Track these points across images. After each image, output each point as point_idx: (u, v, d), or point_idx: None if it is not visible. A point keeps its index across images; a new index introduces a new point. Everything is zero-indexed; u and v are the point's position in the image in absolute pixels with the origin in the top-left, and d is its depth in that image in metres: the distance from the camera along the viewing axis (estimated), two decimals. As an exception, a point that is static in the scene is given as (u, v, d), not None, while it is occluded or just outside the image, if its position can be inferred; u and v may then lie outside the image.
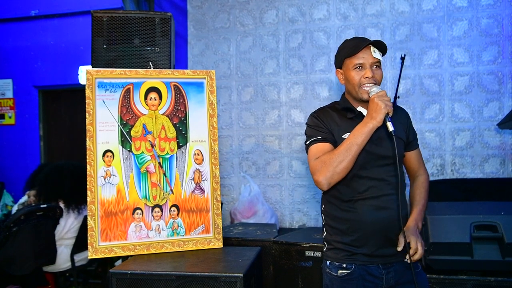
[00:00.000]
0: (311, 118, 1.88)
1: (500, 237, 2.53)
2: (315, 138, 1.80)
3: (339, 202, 1.79)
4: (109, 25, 2.68)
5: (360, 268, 1.73)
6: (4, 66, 5.10)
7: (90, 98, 2.37)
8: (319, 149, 1.77)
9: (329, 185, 1.71)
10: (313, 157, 1.75)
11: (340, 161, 1.67)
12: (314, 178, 1.71)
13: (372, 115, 1.66)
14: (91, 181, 2.31)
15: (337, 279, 1.75)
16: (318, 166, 1.71)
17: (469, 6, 3.75)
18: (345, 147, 1.67)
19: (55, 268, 3.49)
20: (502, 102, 3.71)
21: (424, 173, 1.96)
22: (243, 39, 4.27)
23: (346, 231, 1.76)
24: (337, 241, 1.79)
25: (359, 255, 1.74)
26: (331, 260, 1.79)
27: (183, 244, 2.39)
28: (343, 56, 1.83)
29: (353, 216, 1.75)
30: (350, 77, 1.80)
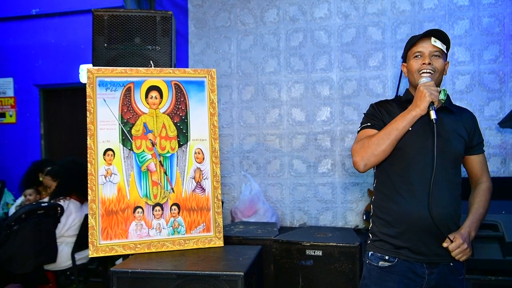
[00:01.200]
0: (369, 108, 1.92)
1: (501, 236, 2.53)
2: (365, 125, 1.83)
3: (390, 192, 1.78)
4: (110, 23, 2.68)
5: (403, 263, 1.71)
6: (5, 65, 5.10)
7: (91, 96, 2.37)
8: (364, 133, 1.80)
9: (365, 166, 1.73)
10: (356, 141, 1.80)
11: (379, 144, 1.69)
12: (353, 159, 1.75)
13: (417, 103, 1.68)
14: (92, 179, 2.32)
15: (376, 269, 1.74)
16: (357, 148, 1.75)
17: (470, 5, 3.75)
18: (385, 131, 1.70)
19: (56, 267, 3.50)
20: (503, 101, 3.70)
21: (487, 181, 1.88)
22: (244, 37, 4.27)
23: (392, 223, 1.74)
24: (383, 233, 1.77)
25: (404, 249, 1.71)
26: (374, 251, 1.79)
27: (183, 242, 2.39)
28: (406, 49, 1.87)
29: (401, 208, 1.72)
30: (410, 66, 1.83)
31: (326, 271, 2.41)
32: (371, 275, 1.75)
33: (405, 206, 1.72)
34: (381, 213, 1.80)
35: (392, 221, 1.75)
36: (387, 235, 1.75)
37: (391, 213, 1.75)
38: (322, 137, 4.07)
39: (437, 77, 1.77)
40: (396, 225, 1.73)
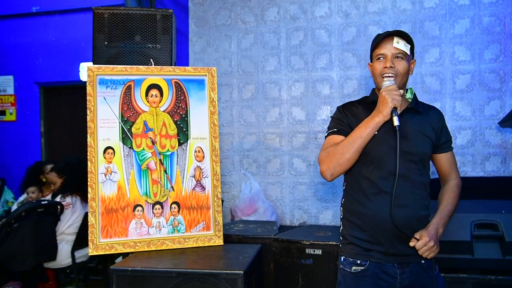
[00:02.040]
0: (336, 111, 1.91)
1: (501, 236, 2.53)
2: (331, 130, 1.82)
3: (357, 195, 1.77)
4: (110, 21, 2.68)
5: (374, 266, 1.71)
6: (5, 63, 5.09)
7: (91, 95, 2.37)
8: (331, 140, 1.79)
9: (332, 175, 1.72)
10: (323, 148, 1.78)
11: (343, 153, 1.67)
12: (320, 168, 1.74)
13: (379, 109, 1.67)
14: (92, 178, 2.32)
15: (350, 275, 1.74)
16: (323, 157, 1.73)
17: (471, 4, 3.74)
18: (350, 140, 1.68)
19: (56, 265, 3.50)
20: (503, 100, 3.70)
21: (456, 178, 1.89)
22: (244, 36, 4.26)
23: (362, 226, 1.74)
24: (352, 236, 1.76)
25: (374, 252, 1.71)
26: (346, 255, 1.78)
27: (183, 241, 2.39)
28: (371, 50, 1.84)
29: (369, 211, 1.72)
30: (373, 68, 1.81)
31: (325, 270, 2.41)
32: (346, 281, 1.76)
33: (373, 210, 1.72)
34: (350, 216, 1.80)
35: (361, 224, 1.75)
36: (358, 238, 1.75)
37: (360, 217, 1.75)
38: (322, 136, 4.07)
39: (400, 80, 1.75)
40: (366, 228, 1.74)
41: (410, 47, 1.77)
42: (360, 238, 1.75)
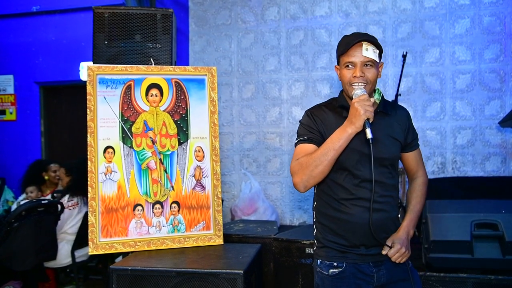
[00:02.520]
0: (305, 116, 1.82)
1: (501, 236, 2.53)
2: (302, 138, 1.76)
3: (331, 200, 1.76)
4: (110, 21, 2.68)
5: (351, 267, 1.72)
6: (5, 62, 5.09)
7: (91, 94, 2.37)
8: (302, 150, 1.73)
9: (305, 188, 1.70)
10: (295, 158, 1.73)
11: (316, 166, 1.65)
12: (292, 180, 1.71)
13: (352, 120, 1.63)
14: (92, 177, 2.32)
15: (328, 278, 1.73)
16: (296, 168, 1.70)
17: (471, 4, 3.74)
18: (322, 152, 1.65)
19: (56, 264, 3.50)
20: (503, 100, 3.70)
21: (422, 176, 1.90)
22: (244, 36, 4.26)
23: (337, 230, 1.74)
24: (328, 240, 1.76)
25: (350, 253, 1.72)
26: (322, 259, 1.77)
27: (183, 240, 2.39)
28: (338, 54, 1.79)
29: (345, 216, 1.72)
30: (342, 75, 1.75)
31: (325, 269, 2.41)
32: (324, 283, 1.75)
33: (349, 216, 1.72)
34: (324, 220, 1.79)
35: (336, 229, 1.75)
36: (332, 241, 1.75)
37: (334, 221, 1.75)
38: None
39: (370, 87, 1.73)
40: (341, 232, 1.73)
41: (379, 52, 1.75)
42: (335, 242, 1.75)
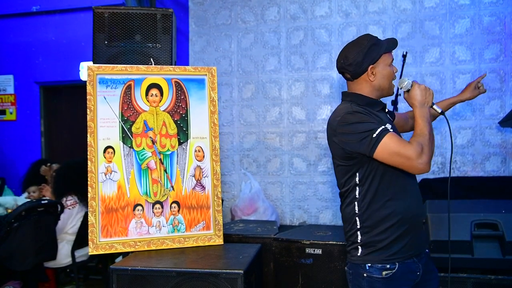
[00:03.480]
0: (355, 115, 1.74)
1: (501, 235, 2.53)
2: (382, 128, 1.68)
3: (384, 199, 1.74)
4: (110, 21, 2.68)
5: (400, 267, 1.72)
6: (5, 62, 5.09)
7: (91, 94, 2.37)
8: (395, 136, 1.69)
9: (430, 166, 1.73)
10: (403, 143, 1.67)
11: (432, 142, 1.70)
12: (418, 161, 1.63)
13: (427, 100, 1.76)
14: (92, 177, 2.32)
15: (381, 281, 1.71)
16: (419, 149, 1.64)
17: (471, 4, 3.74)
18: (429, 130, 1.71)
19: (56, 264, 3.50)
20: (503, 100, 3.70)
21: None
22: (244, 36, 4.26)
23: (395, 225, 1.72)
24: (378, 241, 1.73)
25: (399, 252, 1.72)
26: (372, 262, 1.73)
27: (183, 240, 2.39)
28: (382, 51, 1.80)
29: (401, 210, 1.73)
30: (388, 72, 1.82)
31: (325, 269, 2.41)
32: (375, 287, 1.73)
33: (405, 205, 1.74)
34: (376, 222, 1.75)
35: (395, 223, 1.73)
36: (386, 240, 1.73)
37: (393, 216, 1.73)
38: (322, 135, 4.07)
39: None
40: (401, 226, 1.73)
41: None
42: (391, 240, 1.73)
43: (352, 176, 1.77)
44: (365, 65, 1.79)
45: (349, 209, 1.80)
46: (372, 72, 1.80)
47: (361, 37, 1.86)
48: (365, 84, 1.82)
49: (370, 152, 1.67)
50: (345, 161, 1.77)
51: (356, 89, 1.85)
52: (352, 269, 1.79)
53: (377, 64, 1.80)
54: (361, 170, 1.74)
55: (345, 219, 1.84)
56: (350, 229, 1.80)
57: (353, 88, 1.86)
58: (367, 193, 1.75)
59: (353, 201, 1.78)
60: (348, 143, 1.71)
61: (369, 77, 1.80)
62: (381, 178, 1.74)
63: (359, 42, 1.83)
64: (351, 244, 1.81)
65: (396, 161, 1.66)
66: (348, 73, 1.84)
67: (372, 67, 1.80)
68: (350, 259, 1.81)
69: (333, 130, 1.77)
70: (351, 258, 1.80)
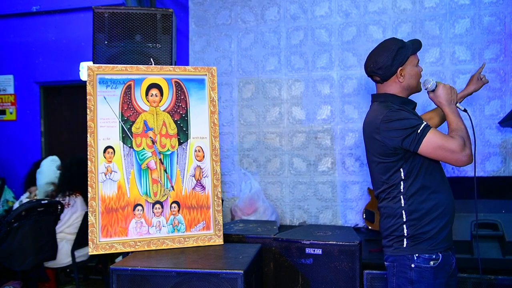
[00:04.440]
0: (399, 112, 1.83)
1: (501, 235, 2.53)
2: (425, 124, 1.78)
3: (428, 192, 1.83)
4: (110, 21, 2.68)
5: (443, 257, 1.80)
6: (5, 62, 5.09)
7: (91, 94, 2.37)
8: (438, 131, 1.78)
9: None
10: (446, 138, 1.76)
11: (469, 137, 1.78)
12: (463, 153, 1.73)
13: (453, 98, 1.86)
14: (92, 177, 2.32)
15: (430, 270, 1.78)
16: (462, 142, 1.74)
17: (471, 4, 3.74)
18: (463, 124, 1.81)
19: (56, 264, 3.50)
20: (503, 100, 3.70)
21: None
22: (244, 35, 4.26)
23: (440, 215, 1.81)
24: (424, 232, 1.81)
25: (442, 242, 1.81)
26: (420, 253, 1.80)
27: (183, 240, 2.39)
28: (409, 53, 1.91)
29: (444, 201, 1.82)
30: (415, 72, 1.95)
31: (325, 269, 2.41)
32: (426, 276, 1.79)
33: (446, 196, 1.85)
34: (421, 215, 1.83)
35: (439, 214, 1.81)
36: (431, 231, 1.81)
37: (437, 208, 1.82)
38: (322, 135, 4.07)
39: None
40: (444, 216, 1.82)
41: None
42: (436, 231, 1.80)
43: (396, 172, 1.85)
44: (395, 67, 1.90)
45: (393, 204, 1.87)
46: (401, 73, 1.90)
47: (388, 41, 1.96)
48: (395, 85, 1.93)
49: (415, 147, 1.76)
50: (388, 158, 1.84)
51: (386, 90, 1.95)
52: (396, 262, 1.86)
53: (405, 66, 1.91)
54: (405, 166, 1.82)
55: (388, 214, 1.90)
56: (395, 223, 1.87)
57: (383, 90, 1.96)
58: (412, 187, 1.83)
59: (397, 196, 1.86)
60: (393, 139, 1.79)
61: (398, 78, 1.91)
62: (425, 171, 1.83)
63: (387, 46, 1.93)
64: (395, 237, 1.87)
65: (440, 155, 1.76)
66: (378, 76, 1.95)
67: (401, 69, 1.90)
68: (393, 252, 1.88)
69: (376, 128, 1.84)
70: (394, 251, 1.87)
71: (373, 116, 1.89)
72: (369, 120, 1.92)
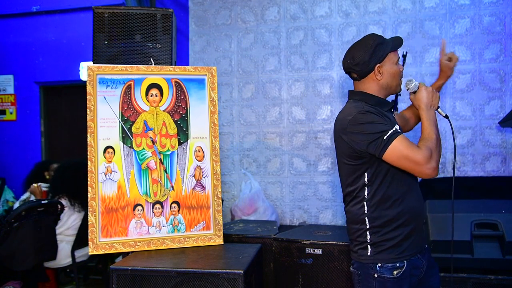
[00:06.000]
0: (367, 115, 1.74)
1: (501, 235, 2.53)
2: (393, 131, 1.69)
3: (393, 199, 1.76)
4: (110, 21, 2.68)
5: (408, 264, 1.74)
6: (5, 62, 5.09)
7: (91, 94, 2.37)
8: (406, 140, 1.69)
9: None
10: (412, 148, 1.66)
11: (439, 146, 1.70)
12: (427, 166, 1.64)
13: (433, 103, 1.79)
14: (92, 177, 2.32)
15: (392, 280, 1.72)
16: (428, 154, 1.64)
17: (471, 4, 3.74)
18: (435, 132, 1.72)
19: (56, 264, 3.50)
20: (503, 100, 3.70)
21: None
22: (244, 36, 4.26)
23: (405, 223, 1.75)
24: (388, 239, 1.75)
25: (408, 249, 1.75)
26: (382, 262, 1.74)
27: (183, 240, 2.39)
28: (388, 50, 1.82)
29: (408, 208, 1.76)
30: (395, 71, 1.84)
31: (325, 269, 2.41)
32: (388, 287, 1.74)
33: (411, 204, 1.78)
34: (384, 222, 1.76)
35: (404, 222, 1.75)
36: (396, 239, 1.74)
37: (401, 216, 1.75)
38: (322, 135, 4.07)
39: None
40: (409, 224, 1.75)
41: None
42: (400, 238, 1.74)
43: (360, 176, 1.78)
44: (372, 64, 1.80)
45: (356, 209, 1.80)
46: (379, 71, 1.81)
47: (366, 37, 1.86)
48: (373, 83, 1.84)
49: (379, 153, 1.68)
50: (353, 160, 1.77)
51: (363, 88, 1.86)
52: (360, 270, 1.80)
53: (384, 63, 1.82)
54: (370, 170, 1.75)
55: (352, 219, 1.83)
56: (358, 229, 1.80)
57: (361, 88, 1.87)
58: (376, 193, 1.76)
59: (361, 201, 1.79)
60: (358, 143, 1.72)
61: (376, 76, 1.82)
62: (391, 178, 1.76)
63: (365, 41, 1.84)
64: (359, 243, 1.80)
65: (404, 165, 1.67)
66: (355, 73, 1.85)
67: (379, 66, 1.81)
68: (358, 258, 1.81)
69: (343, 128, 1.77)
70: (359, 257, 1.80)
71: (343, 115, 1.81)
72: (339, 119, 1.84)
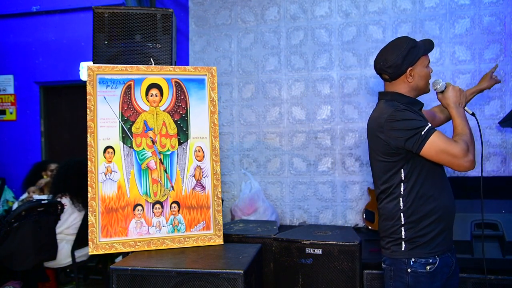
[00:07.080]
0: (404, 112, 1.79)
1: (501, 236, 2.53)
2: (430, 126, 1.76)
3: (427, 195, 1.80)
4: (110, 21, 2.68)
5: (440, 261, 1.79)
6: (5, 62, 5.09)
7: (91, 94, 2.37)
8: (443, 135, 1.75)
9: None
10: (449, 142, 1.73)
11: (473, 142, 1.78)
12: (465, 159, 1.71)
13: (461, 101, 1.87)
14: (92, 177, 2.32)
15: (426, 275, 1.77)
16: (465, 147, 1.73)
17: (471, 4, 3.74)
18: (469, 128, 1.82)
19: (56, 264, 3.50)
20: (503, 100, 3.70)
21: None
22: (244, 36, 4.26)
23: (438, 219, 1.79)
24: (421, 235, 1.79)
25: (438, 246, 1.79)
26: (416, 257, 1.78)
27: (183, 240, 2.39)
28: (421, 53, 1.88)
29: (442, 205, 1.80)
30: (425, 73, 1.91)
31: (325, 269, 2.41)
32: (421, 281, 1.77)
33: (444, 201, 1.82)
34: (419, 218, 1.80)
35: (437, 219, 1.79)
36: (429, 235, 1.78)
37: (435, 212, 1.79)
38: (322, 135, 4.07)
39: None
40: (441, 221, 1.80)
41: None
42: (434, 235, 1.79)
43: (396, 173, 1.82)
44: (404, 67, 1.86)
45: (392, 205, 1.85)
46: (410, 74, 1.87)
47: (400, 40, 1.91)
48: (403, 85, 1.90)
49: (417, 149, 1.73)
50: (389, 157, 1.82)
51: (394, 89, 1.92)
52: (393, 266, 1.84)
53: (416, 66, 1.88)
54: (406, 167, 1.80)
55: (386, 215, 1.88)
56: (393, 225, 1.84)
57: (391, 88, 1.93)
58: (412, 189, 1.81)
59: (397, 197, 1.84)
60: (396, 139, 1.76)
61: (407, 78, 1.88)
62: (425, 175, 1.81)
63: (398, 44, 1.89)
64: (393, 240, 1.85)
65: (442, 159, 1.73)
66: (386, 75, 1.91)
67: (411, 69, 1.87)
68: (391, 255, 1.85)
69: (380, 126, 1.81)
70: (391, 254, 1.85)
71: (378, 114, 1.86)
72: (374, 118, 1.89)
